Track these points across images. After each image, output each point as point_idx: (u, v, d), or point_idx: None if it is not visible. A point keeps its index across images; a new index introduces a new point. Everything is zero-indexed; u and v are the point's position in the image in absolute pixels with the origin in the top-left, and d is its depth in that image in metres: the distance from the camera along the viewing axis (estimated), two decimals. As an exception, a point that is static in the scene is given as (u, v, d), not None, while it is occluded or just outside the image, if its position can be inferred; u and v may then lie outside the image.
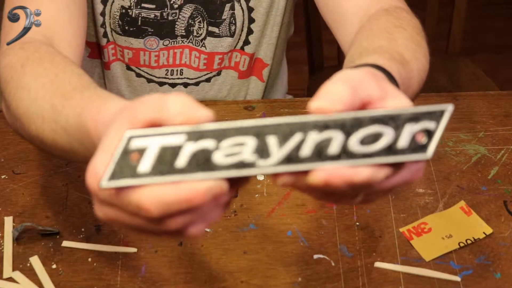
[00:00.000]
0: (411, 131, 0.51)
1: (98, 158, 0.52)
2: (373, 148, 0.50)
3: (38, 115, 0.73)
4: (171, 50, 1.09)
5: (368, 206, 0.94)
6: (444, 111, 0.52)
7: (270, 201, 0.95)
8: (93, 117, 0.60)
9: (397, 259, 0.88)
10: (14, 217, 0.93)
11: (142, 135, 0.50)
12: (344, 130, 0.51)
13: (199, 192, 0.49)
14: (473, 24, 2.44)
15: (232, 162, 0.50)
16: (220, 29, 1.08)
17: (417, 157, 0.51)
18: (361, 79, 0.54)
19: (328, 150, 0.50)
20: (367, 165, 0.50)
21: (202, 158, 0.50)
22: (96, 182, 0.52)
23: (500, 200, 0.95)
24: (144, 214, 0.50)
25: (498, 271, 0.86)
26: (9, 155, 1.02)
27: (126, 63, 1.12)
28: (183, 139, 0.50)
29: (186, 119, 0.50)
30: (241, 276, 0.87)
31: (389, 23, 0.82)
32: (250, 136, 0.50)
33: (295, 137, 0.50)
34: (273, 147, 0.50)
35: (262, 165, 0.50)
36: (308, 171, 0.51)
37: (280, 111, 1.06)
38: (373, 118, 0.51)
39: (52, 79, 0.73)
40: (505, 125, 1.04)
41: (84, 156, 0.63)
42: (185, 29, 1.07)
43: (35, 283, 0.86)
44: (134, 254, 0.89)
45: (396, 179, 0.53)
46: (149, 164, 0.50)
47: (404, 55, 0.75)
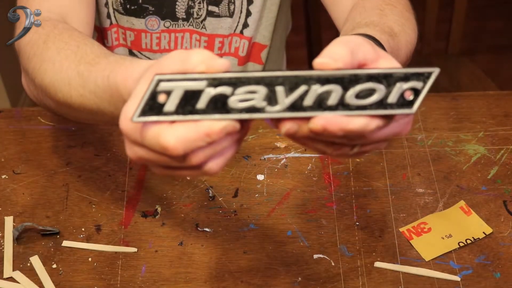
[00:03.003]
0: (401, 88, 0.57)
1: (129, 103, 0.58)
2: (366, 101, 0.57)
3: (64, 83, 0.78)
4: (172, 34, 1.11)
5: (368, 206, 0.94)
6: (431, 73, 0.58)
7: (270, 201, 0.95)
8: (122, 75, 0.67)
9: (397, 259, 0.88)
10: (14, 217, 0.94)
11: (169, 79, 0.56)
12: (343, 85, 0.57)
13: (216, 129, 0.56)
14: (473, 24, 2.45)
15: (245, 106, 0.57)
16: (220, 8, 1.10)
17: (403, 111, 0.58)
18: (358, 42, 0.61)
19: (328, 101, 0.57)
20: (361, 116, 0.57)
21: (220, 101, 0.57)
22: (128, 124, 0.58)
23: (500, 200, 0.95)
24: (170, 153, 0.56)
25: (498, 271, 0.86)
26: (9, 155, 1.02)
27: (129, 47, 1.14)
28: (204, 85, 0.57)
29: (207, 68, 0.57)
30: (241, 276, 0.87)
31: (380, 1, 0.90)
32: (262, 85, 0.57)
33: (300, 88, 0.57)
34: (280, 95, 0.57)
35: (270, 111, 0.57)
36: (309, 118, 0.57)
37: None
38: (369, 75, 0.57)
39: (75, 51, 0.79)
40: (505, 125, 1.05)
41: (112, 116, 0.72)
42: (186, 12, 1.09)
43: (36, 282, 0.86)
44: (134, 254, 0.89)
45: (386, 130, 0.60)
46: (173, 104, 0.56)
47: (394, 29, 0.83)
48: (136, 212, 0.94)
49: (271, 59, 1.22)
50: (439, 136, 1.03)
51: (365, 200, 0.95)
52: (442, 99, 1.10)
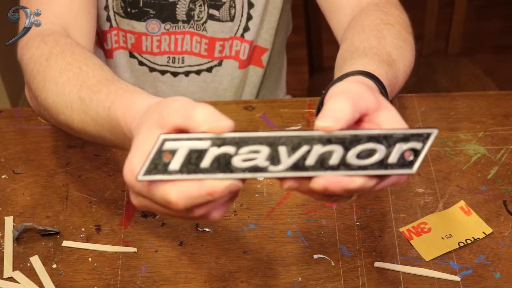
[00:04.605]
0: (401, 149, 0.59)
1: (133, 156, 0.60)
2: (367, 161, 0.59)
3: (67, 106, 0.80)
4: (172, 36, 1.11)
5: (368, 206, 0.94)
6: (430, 134, 0.59)
7: (270, 201, 0.95)
8: (122, 111, 0.69)
9: (397, 259, 0.88)
10: (14, 217, 0.94)
11: (174, 138, 0.58)
12: (344, 145, 0.59)
13: (219, 189, 0.58)
14: (473, 24, 2.45)
15: (248, 166, 0.59)
16: (221, 13, 1.10)
17: (404, 172, 0.60)
18: (360, 93, 0.63)
19: (329, 161, 0.59)
20: (361, 175, 0.59)
21: (223, 161, 0.58)
22: (132, 176, 0.59)
23: (500, 200, 0.95)
24: (172, 207, 0.59)
25: (498, 271, 0.86)
26: (9, 155, 1.02)
27: (129, 49, 1.14)
28: (208, 144, 0.58)
29: (210, 128, 0.58)
30: (241, 276, 0.87)
31: (378, 20, 0.90)
32: (265, 145, 0.59)
33: (302, 148, 0.59)
34: (283, 155, 0.59)
35: (272, 170, 0.59)
36: (311, 177, 0.59)
37: (280, 111, 1.07)
38: (369, 136, 0.59)
39: (77, 73, 0.80)
40: (505, 125, 1.05)
41: (112, 142, 0.75)
42: (186, 14, 1.09)
43: (36, 283, 0.86)
44: (134, 254, 0.89)
45: (384, 183, 0.62)
46: (178, 163, 0.58)
47: (392, 55, 0.83)
48: (136, 212, 0.94)
49: (272, 62, 1.22)
50: (439, 136, 1.03)
51: (365, 200, 0.95)
52: (442, 99, 1.09)
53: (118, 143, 0.74)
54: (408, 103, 1.07)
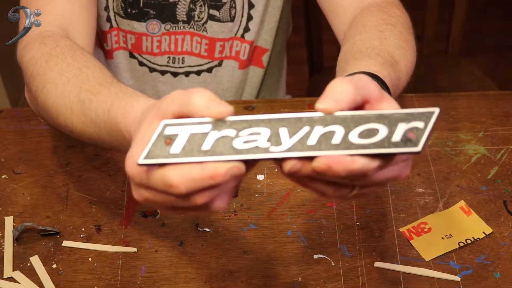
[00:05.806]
0: (403, 128, 0.58)
1: (134, 148, 0.60)
2: (370, 140, 0.58)
3: (66, 108, 0.79)
4: (172, 36, 1.11)
5: (368, 206, 0.94)
6: (432, 113, 0.59)
7: (270, 201, 0.95)
8: (122, 113, 0.69)
9: (397, 259, 0.88)
10: (14, 217, 0.94)
11: (175, 123, 0.59)
12: (345, 126, 0.58)
13: (221, 172, 0.56)
14: (473, 24, 2.44)
15: (249, 147, 0.58)
16: (221, 13, 1.10)
17: (408, 150, 0.58)
18: (365, 80, 0.62)
19: (331, 141, 0.58)
20: (363, 155, 0.58)
21: (224, 143, 0.58)
22: (134, 167, 0.59)
23: (500, 200, 0.95)
24: (173, 191, 0.57)
25: (498, 270, 0.86)
26: (9, 155, 1.02)
27: (129, 49, 1.14)
28: (209, 128, 0.58)
29: (210, 114, 0.58)
30: (241, 276, 0.87)
31: (380, 20, 0.89)
32: (265, 127, 0.58)
33: (303, 129, 0.58)
34: (284, 136, 0.58)
35: (274, 151, 0.58)
36: (313, 157, 0.58)
37: (280, 111, 1.07)
38: (370, 116, 0.58)
39: (77, 74, 0.80)
40: (505, 125, 1.05)
41: (111, 144, 0.75)
42: (186, 14, 1.09)
43: (36, 282, 0.86)
44: (134, 254, 0.89)
45: (386, 173, 0.60)
46: (179, 147, 0.58)
47: (394, 55, 0.83)
48: (136, 212, 0.94)
49: (272, 63, 1.22)
50: (439, 136, 1.03)
51: (365, 200, 0.95)
52: (442, 99, 1.10)
53: (117, 145, 0.73)
54: (408, 103, 1.07)
